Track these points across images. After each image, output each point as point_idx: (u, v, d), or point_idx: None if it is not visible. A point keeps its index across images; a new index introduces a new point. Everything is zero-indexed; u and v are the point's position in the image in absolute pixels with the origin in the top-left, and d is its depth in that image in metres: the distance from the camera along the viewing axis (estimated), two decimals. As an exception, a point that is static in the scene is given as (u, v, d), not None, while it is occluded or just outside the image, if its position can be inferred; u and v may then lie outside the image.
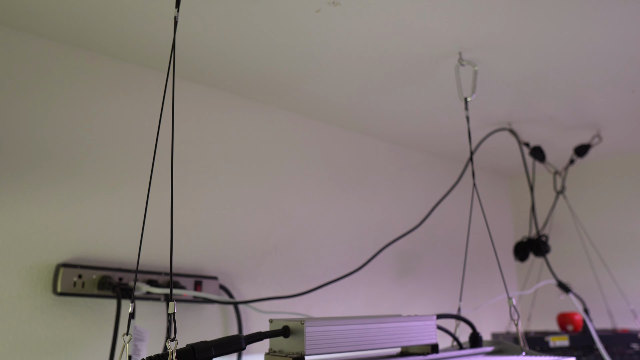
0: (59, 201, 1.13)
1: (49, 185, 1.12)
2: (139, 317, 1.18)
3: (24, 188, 1.09)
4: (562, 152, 1.96)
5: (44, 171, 1.12)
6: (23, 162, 1.10)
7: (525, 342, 1.10)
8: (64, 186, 1.14)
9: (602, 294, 2.01)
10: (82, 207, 1.16)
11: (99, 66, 1.22)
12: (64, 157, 1.15)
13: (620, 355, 1.67)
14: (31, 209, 1.09)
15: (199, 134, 1.37)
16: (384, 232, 1.77)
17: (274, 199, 1.51)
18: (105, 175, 1.20)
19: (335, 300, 1.59)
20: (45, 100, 1.14)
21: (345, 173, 1.73)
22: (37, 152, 1.11)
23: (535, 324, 2.10)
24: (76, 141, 1.17)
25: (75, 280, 1.08)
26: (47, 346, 1.07)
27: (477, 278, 2.05)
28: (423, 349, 0.97)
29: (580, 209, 2.12)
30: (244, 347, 0.74)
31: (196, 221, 1.32)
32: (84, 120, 1.19)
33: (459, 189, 1.52)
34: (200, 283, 1.24)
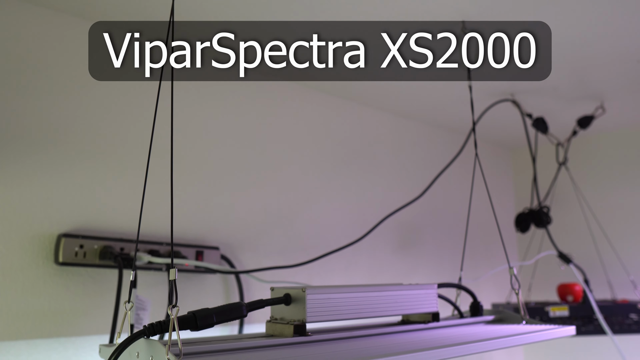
0: (60, 171, 1.12)
1: (49, 155, 1.11)
2: (140, 287, 1.18)
3: (24, 159, 1.08)
4: (565, 124, 1.95)
5: (44, 141, 1.11)
6: (23, 133, 1.09)
7: (525, 311, 1.10)
8: (65, 156, 1.13)
9: (602, 265, 2.02)
10: (82, 178, 1.15)
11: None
12: (64, 127, 1.14)
13: (620, 325, 1.69)
14: (32, 179, 1.09)
15: (200, 105, 1.36)
16: (385, 203, 1.77)
17: (276, 170, 1.50)
18: (106, 145, 1.19)
19: (336, 270, 1.59)
20: (43, 72, 1.13)
21: (346, 144, 1.72)
22: (36, 122, 1.11)
23: (535, 294, 2.12)
24: (76, 111, 1.16)
25: (77, 250, 1.09)
26: (49, 316, 1.07)
27: (478, 250, 2.05)
28: (424, 317, 0.97)
29: (582, 181, 2.11)
30: (246, 314, 0.74)
31: (197, 192, 1.32)
32: (84, 90, 1.17)
33: (460, 160, 1.51)
34: (202, 253, 1.25)
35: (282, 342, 0.76)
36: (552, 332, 1.00)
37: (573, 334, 1.05)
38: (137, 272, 1.16)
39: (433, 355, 0.74)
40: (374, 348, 0.77)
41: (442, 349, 0.76)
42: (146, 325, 0.68)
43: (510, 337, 0.90)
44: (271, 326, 0.81)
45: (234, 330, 1.34)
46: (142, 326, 0.68)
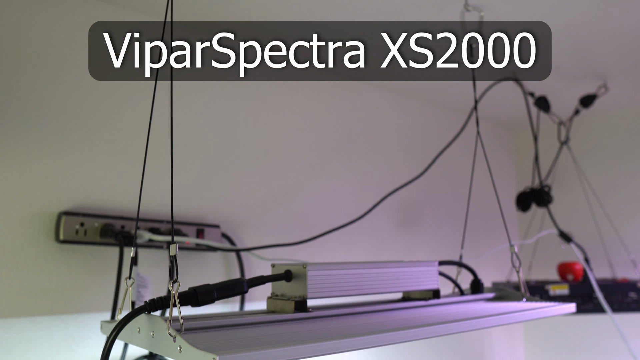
0: (60, 149, 1.12)
1: (50, 133, 1.11)
2: (141, 265, 1.18)
3: (24, 137, 1.08)
4: (567, 103, 1.94)
5: (45, 120, 1.11)
6: (23, 111, 1.08)
7: (526, 289, 1.10)
8: (65, 134, 1.13)
9: (602, 244, 2.02)
10: (83, 155, 1.15)
11: (96, 12, 1.19)
12: (64, 104, 1.13)
13: (619, 304, 1.69)
14: (32, 157, 1.08)
15: (201, 84, 1.35)
16: (386, 182, 1.77)
17: (277, 149, 1.50)
18: (107, 123, 1.19)
19: (337, 249, 1.59)
20: (43, 52, 1.12)
21: (347, 123, 1.71)
22: (36, 100, 1.10)
23: (535, 273, 2.12)
24: (77, 89, 1.15)
25: (78, 228, 1.08)
26: (51, 293, 1.08)
27: (478, 229, 2.05)
28: (425, 294, 0.97)
29: (584, 160, 2.11)
30: (246, 290, 0.74)
31: (198, 170, 1.32)
32: (85, 69, 1.16)
33: (461, 139, 1.50)
34: (203, 231, 1.25)
35: (283, 318, 0.76)
36: (552, 310, 1.00)
37: (573, 312, 1.06)
38: (138, 250, 1.16)
39: (433, 331, 0.75)
40: (374, 324, 0.77)
41: (443, 325, 0.76)
42: (147, 301, 0.68)
43: (510, 313, 0.90)
44: (272, 302, 0.81)
45: (235, 307, 1.34)
46: (143, 302, 0.68)
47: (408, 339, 0.71)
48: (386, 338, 0.68)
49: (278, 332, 0.69)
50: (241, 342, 0.63)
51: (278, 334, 0.68)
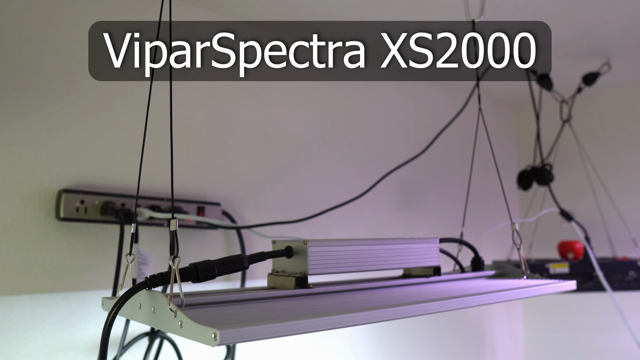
0: (60, 127, 1.11)
1: (49, 111, 1.10)
2: (142, 243, 1.18)
3: (24, 114, 1.07)
4: (570, 81, 1.92)
5: (44, 97, 1.10)
6: (22, 88, 1.07)
7: (527, 266, 1.10)
8: (65, 112, 1.12)
9: (603, 223, 2.02)
10: (83, 133, 1.14)
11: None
12: (64, 82, 1.12)
13: (619, 282, 1.70)
14: (32, 135, 1.08)
15: (201, 57, 1.34)
16: (387, 160, 1.76)
17: (277, 127, 1.49)
18: (107, 100, 1.18)
19: (337, 227, 1.59)
20: (43, 26, 1.10)
21: (348, 100, 1.70)
22: (36, 77, 1.09)
23: (536, 252, 2.13)
24: (76, 66, 1.14)
25: (78, 206, 1.08)
26: (52, 271, 1.08)
27: (479, 208, 2.05)
28: (425, 271, 0.97)
29: (586, 139, 2.10)
30: (247, 266, 0.74)
31: (198, 148, 1.31)
32: (84, 45, 1.15)
33: (463, 117, 1.49)
34: (203, 209, 1.24)
35: (283, 294, 0.76)
36: (553, 287, 1.00)
37: (574, 289, 1.06)
38: (139, 228, 1.16)
39: (434, 307, 0.75)
40: (375, 300, 0.77)
41: (443, 301, 0.76)
42: (148, 276, 0.68)
43: (511, 290, 0.90)
44: (273, 279, 0.81)
45: (235, 285, 1.35)
46: (145, 277, 0.68)
47: (408, 314, 0.71)
48: (387, 314, 0.68)
49: (279, 308, 0.69)
50: (242, 318, 0.63)
51: (279, 309, 0.68)
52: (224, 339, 0.54)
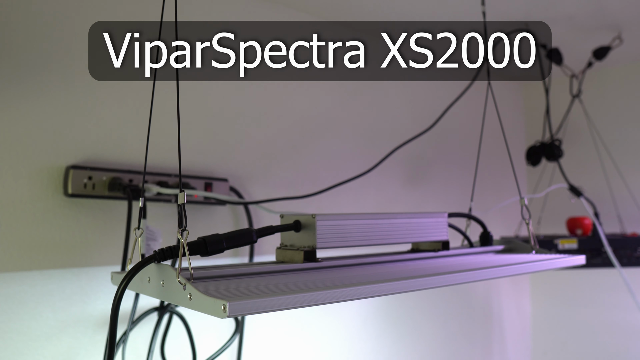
0: (67, 103, 1.11)
1: (56, 87, 1.10)
2: (150, 219, 1.19)
3: (31, 91, 1.07)
4: (580, 55, 1.89)
5: (51, 73, 1.09)
6: (29, 64, 1.07)
7: (535, 241, 1.10)
8: (72, 88, 1.11)
9: (612, 199, 2.01)
10: (90, 109, 1.14)
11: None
12: (71, 57, 1.12)
13: (628, 258, 1.69)
14: (39, 111, 1.07)
15: (205, 32, 1.33)
16: (394, 136, 1.75)
17: (284, 101, 1.48)
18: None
19: (345, 203, 1.59)
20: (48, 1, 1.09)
21: (356, 76, 1.68)
22: (43, 53, 1.08)
23: (544, 228, 2.12)
24: (84, 40, 1.13)
25: (86, 182, 1.08)
26: (61, 247, 1.08)
27: (487, 184, 2.04)
28: (434, 245, 0.97)
29: (596, 114, 2.07)
30: (255, 240, 0.74)
31: (205, 123, 1.31)
32: (91, 19, 1.14)
33: (471, 93, 1.48)
34: (211, 185, 1.24)
35: (292, 267, 0.76)
36: (562, 261, 1.00)
37: (583, 263, 1.05)
38: (147, 204, 1.16)
39: (443, 280, 0.74)
40: (383, 274, 0.77)
41: (452, 274, 0.76)
42: (156, 250, 0.68)
43: (520, 264, 0.90)
44: (281, 253, 0.81)
45: (244, 260, 1.35)
46: (153, 251, 0.68)
47: (417, 287, 0.71)
48: (395, 286, 0.68)
49: (287, 281, 0.69)
50: (250, 290, 0.63)
51: (287, 283, 0.68)
52: (233, 310, 0.54)
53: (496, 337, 2.17)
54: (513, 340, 2.25)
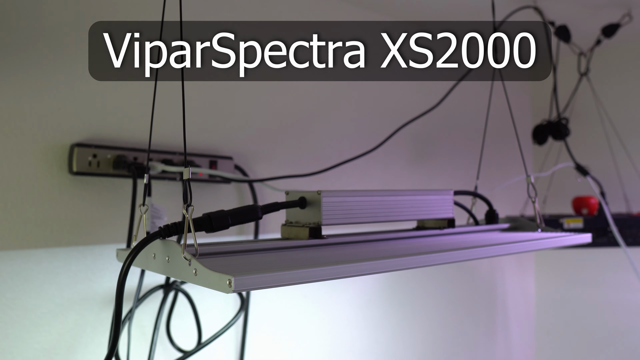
0: (71, 80, 1.10)
1: (60, 64, 1.09)
2: (155, 197, 1.19)
3: (35, 68, 1.06)
4: (589, 33, 1.87)
5: (55, 50, 1.08)
6: (34, 41, 1.06)
7: (541, 220, 1.09)
8: (76, 65, 1.11)
9: (619, 179, 2.00)
10: (95, 87, 1.13)
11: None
12: (75, 34, 1.11)
13: (633, 238, 1.69)
14: (44, 89, 1.07)
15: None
16: (400, 114, 1.74)
17: (289, 79, 1.47)
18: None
19: (350, 182, 1.59)
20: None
21: (361, 52, 1.67)
22: (48, 29, 1.07)
23: (550, 207, 2.11)
24: (87, 17, 1.12)
25: (90, 160, 1.08)
26: (67, 225, 1.09)
27: (493, 163, 2.03)
28: (439, 223, 0.97)
29: (604, 93, 2.05)
30: (261, 216, 0.74)
31: (210, 101, 1.30)
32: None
33: (477, 71, 1.46)
34: (216, 163, 1.24)
35: (297, 244, 0.76)
36: (568, 239, 1.00)
37: (589, 242, 1.05)
38: (152, 182, 1.16)
39: (448, 257, 0.74)
40: (389, 251, 0.77)
41: (457, 251, 0.76)
42: (161, 226, 0.68)
43: (526, 242, 0.89)
44: (286, 229, 0.81)
45: (249, 238, 1.35)
46: (158, 227, 0.68)
47: (422, 264, 0.71)
48: (399, 263, 0.68)
49: (292, 258, 0.69)
50: (256, 266, 0.63)
51: (292, 259, 0.68)
52: (239, 285, 0.54)
53: (500, 316, 2.17)
54: (517, 319, 2.26)
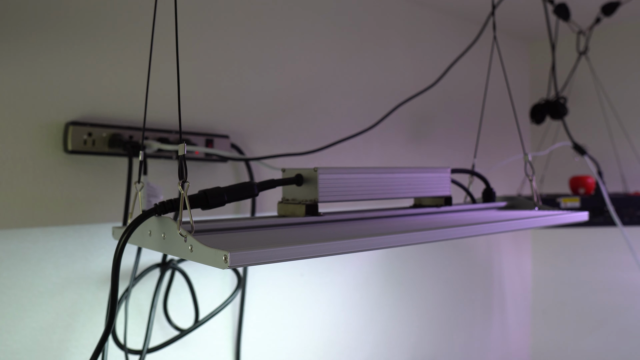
0: (66, 58, 1.09)
1: (54, 42, 1.07)
2: (151, 176, 1.18)
3: (29, 46, 1.04)
4: (588, 11, 1.85)
5: (49, 27, 1.07)
6: (28, 18, 1.04)
7: (539, 198, 1.09)
8: (70, 43, 1.09)
9: (617, 159, 1.99)
10: (89, 64, 1.12)
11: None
12: (70, 11, 1.09)
13: (630, 217, 1.69)
14: (38, 67, 1.05)
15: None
16: (397, 92, 1.73)
17: (286, 57, 1.46)
18: (113, 30, 1.15)
19: (347, 161, 1.58)
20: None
21: (358, 31, 1.65)
22: (42, 6, 1.06)
23: (547, 187, 2.11)
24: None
25: (86, 139, 1.07)
26: (62, 203, 1.08)
27: (490, 142, 2.03)
28: (436, 201, 0.96)
29: (603, 72, 2.04)
30: (257, 193, 0.73)
31: (205, 80, 1.29)
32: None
33: (475, 49, 1.45)
34: (212, 141, 1.23)
35: (293, 221, 0.76)
36: (564, 217, 1.00)
37: (585, 220, 1.05)
38: (147, 160, 1.15)
39: (444, 234, 0.74)
40: (385, 228, 0.77)
41: (454, 228, 0.76)
42: (157, 203, 0.67)
43: (523, 219, 0.89)
44: (283, 207, 0.80)
45: (246, 215, 1.35)
46: (154, 204, 0.67)
47: (418, 240, 0.71)
48: (396, 239, 0.68)
49: (289, 235, 0.68)
50: (252, 242, 0.62)
51: (289, 236, 0.68)
52: (235, 261, 0.54)
53: (496, 295, 2.19)
54: (513, 298, 2.27)
